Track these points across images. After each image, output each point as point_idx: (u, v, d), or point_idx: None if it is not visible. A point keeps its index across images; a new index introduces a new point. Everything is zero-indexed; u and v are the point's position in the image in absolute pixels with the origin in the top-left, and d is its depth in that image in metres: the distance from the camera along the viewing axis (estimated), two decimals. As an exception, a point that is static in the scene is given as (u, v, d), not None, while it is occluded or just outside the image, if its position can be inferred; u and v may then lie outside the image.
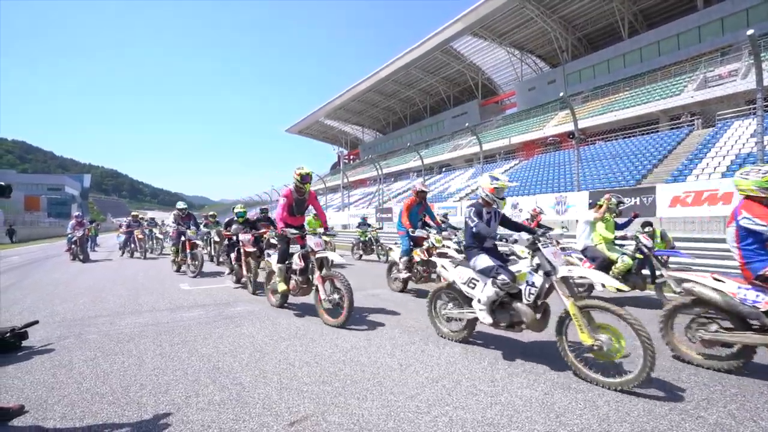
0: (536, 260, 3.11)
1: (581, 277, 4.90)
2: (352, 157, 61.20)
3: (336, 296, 4.33)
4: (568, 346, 2.93)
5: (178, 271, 9.04)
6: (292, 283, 4.88)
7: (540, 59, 35.53)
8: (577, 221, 9.40)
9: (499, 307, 3.35)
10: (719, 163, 13.96)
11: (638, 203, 9.49)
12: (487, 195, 3.57)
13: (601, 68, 29.95)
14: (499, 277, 3.18)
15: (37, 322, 4.16)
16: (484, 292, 3.37)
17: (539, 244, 3.07)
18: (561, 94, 12.11)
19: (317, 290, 4.51)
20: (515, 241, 3.26)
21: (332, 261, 4.81)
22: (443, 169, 36.09)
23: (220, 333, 4.12)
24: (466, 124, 17.64)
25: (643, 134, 21.69)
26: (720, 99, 19.33)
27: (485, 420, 2.27)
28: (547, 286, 3.06)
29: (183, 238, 8.93)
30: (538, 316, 3.10)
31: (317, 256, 4.60)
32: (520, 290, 3.17)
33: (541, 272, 3.05)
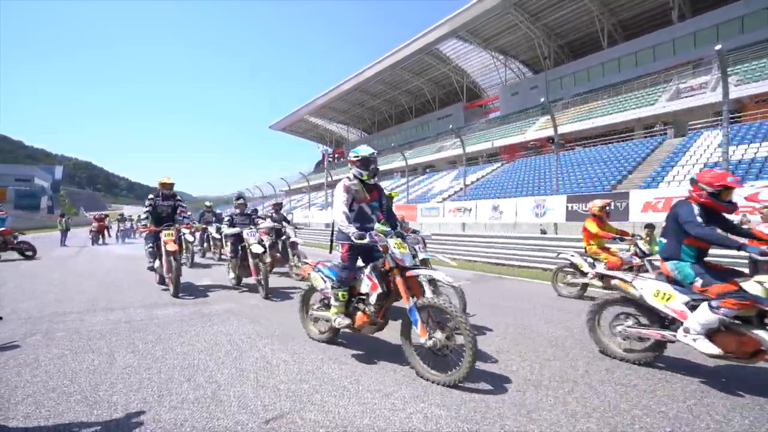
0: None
1: None
2: (337, 155, 60.85)
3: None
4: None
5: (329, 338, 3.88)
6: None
7: (523, 65, 36.24)
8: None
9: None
10: (689, 171, 14.58)
11: (613, 208, 9.86)
12: None
13: (581, 76, 30.80)
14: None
15: (0, 318, 3.99)
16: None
17: None
18: (542, 100, 12.43)
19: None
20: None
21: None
22: (427, 170, 36.32)
23: (196, 331, 4.05)
24: (450, 126, 17.85)
25: (619, 141, 22.44)
26: (691, 110, 20.22)
27: (459, 416, 2.32)
28: None
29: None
30: None
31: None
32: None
33: None
